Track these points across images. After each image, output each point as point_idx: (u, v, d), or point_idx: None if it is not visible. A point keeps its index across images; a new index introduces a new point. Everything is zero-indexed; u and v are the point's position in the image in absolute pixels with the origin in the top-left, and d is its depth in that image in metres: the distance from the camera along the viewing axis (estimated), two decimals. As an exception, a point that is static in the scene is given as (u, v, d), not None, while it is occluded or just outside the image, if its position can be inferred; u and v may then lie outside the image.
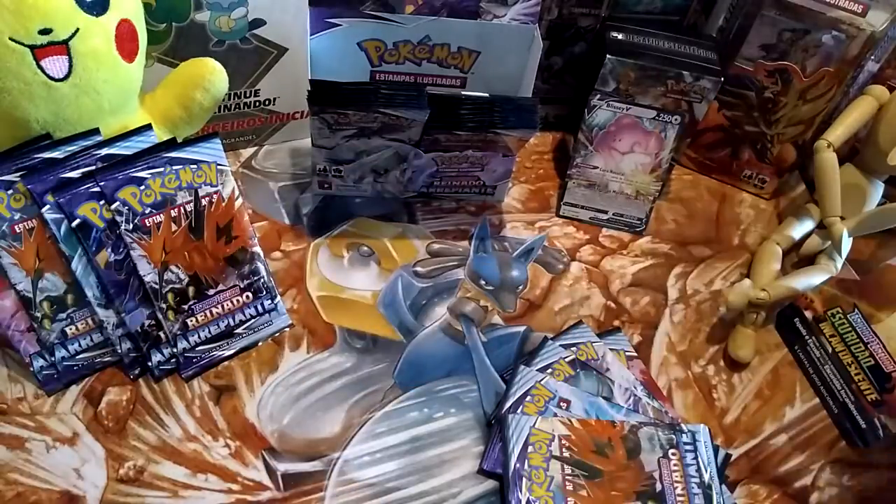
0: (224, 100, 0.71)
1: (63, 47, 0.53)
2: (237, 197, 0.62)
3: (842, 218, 0.74)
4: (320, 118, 0.65)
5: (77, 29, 0.53)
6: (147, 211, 0.58)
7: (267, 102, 0.77)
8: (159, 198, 0.58)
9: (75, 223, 0.56)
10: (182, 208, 0.60)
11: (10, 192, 0.55)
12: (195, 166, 0.60)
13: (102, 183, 0.56)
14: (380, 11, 0.71)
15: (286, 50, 0.72)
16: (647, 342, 0.71)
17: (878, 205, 0.78)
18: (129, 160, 0.58)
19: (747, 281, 0.72)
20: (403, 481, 0.59)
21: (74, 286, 0.58)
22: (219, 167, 0.61)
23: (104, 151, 0.58)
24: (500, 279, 0.73)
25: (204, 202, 0.61)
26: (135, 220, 0.58)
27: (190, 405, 0.61)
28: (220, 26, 0.68)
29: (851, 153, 0.80)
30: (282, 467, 0.59)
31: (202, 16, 0.66)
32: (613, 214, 0.81)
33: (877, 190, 0.78)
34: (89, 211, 0.56)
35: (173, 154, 0.59)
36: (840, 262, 0.75)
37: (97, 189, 0.56)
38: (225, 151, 0.61)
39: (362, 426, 0.62)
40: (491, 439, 0.61)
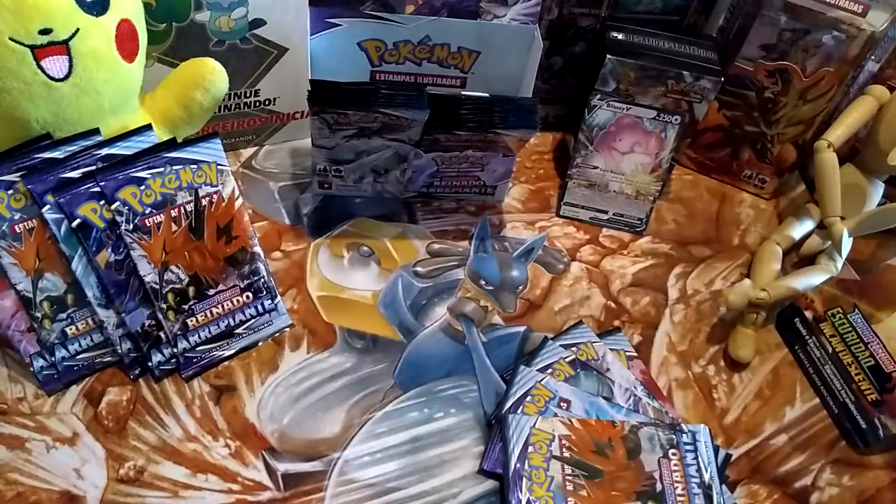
0: (224, 100, 0.71)
1: (63, 47, 0.53)
2: (237, 197, 0.62)
3: (842, 218, 0.74)
4: (320, 118, 0.65)
5: (77, 29, 0.53)
6: (147, 211, 0.58)
7: (267, 102, 0.77)
8: (159, 198, 0.58)
9: (75, 223, 0.56)
10: (182, 208, 0.60)
11: (11, 192, 0.55)
12: (195, 166, 0.60)
13: (103, 183, 0.56)
14: (380, 11, 0.71)
15: (286, 50, 0.72)
16: (648, 342, 0.71)
17: (879, 205, 0.78)
18: (130, 160, 0.58)
19: (747, 281, 0.72)
20: (403, 481, 0.59)
21: (75, 286, 0.58)
22: (219, 167, 0.61)
23: (104, 151, 0.58)
24: (501, 279, 0.73)
25: (204, 202, 0.61)
26: (135, 220, 0.58)
27: (190, 405, 0.61)
28: (221, 26, 0.68)
29: (851, 153, 0.80)
30: (282, 467, 0.59)
31: (202, 16, 0.66)
32: (613, 214, 0.81)
33: (877, 190, 0.78)
34: (89, 211, 0.56)
35: (173, 154, 0.59)
36: (840, 262, 0.75)
37: (97, 189, 0.56)
38: (225, 151, 0.61)
39: (362, 426, 0.62)
40: (491, 439, 0.61)
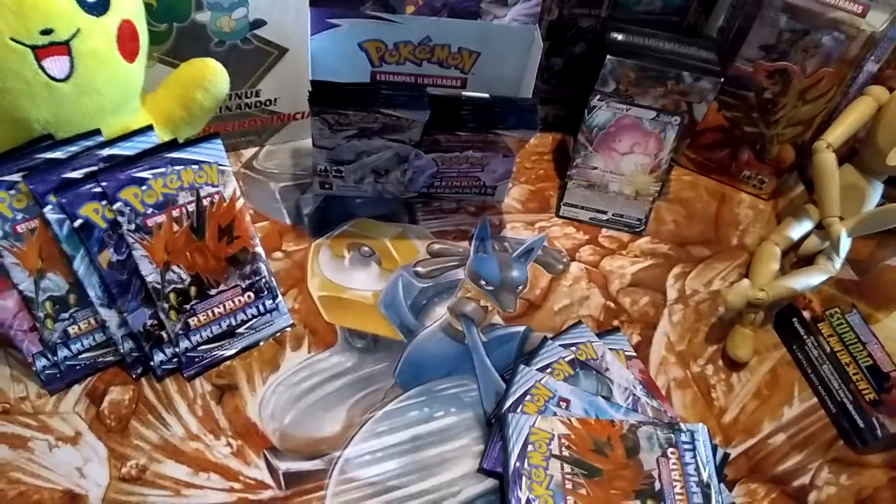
0: (225, 100, 0.71)
1: (64, 47, 0.53)
2: (238, 197, 0.63)
3: (841, 218, 0.74)
4: (321, 119, 0.66)
5: (78, 29, 0.53)
6: (149, 211, 0.58)
7: (268, 103, 0.77)
8: (161, 198, 0.58)
9: (77, 223, 0.56)
10: (184, 208, 0.60)
11: (12, 193, 0.55)
12: (196, 167, 0.60)
13: (104, 183, 0.56)
14: (380, 12, 0.71)
15: (287, 50, 0.73)
16: (646, 342, 0.72)
17: (877, 205, 0.78)
18: (131, 161, 0.58)
19: (746, 281, 0.72)
20: (404, 480, 0.59)
21: (76, 286, 0.58)
22: (220, 167, 0.61)
23: (106, 152, 0.58)
24: (500, 279, 0.73)
25: (205, 202, 0.61)
26: (137, 221, 0.58)
27: (192, 404, 0.61)
28: (221, 26, 0.68)
29: (851, 153, 0.80)
30: (283, 466, 0.59)
31: (203, 16, 0.67)
32: (613, 215, 0.81)
33: (876, 190, 0.78)
34: (91, 211, 0.56)
35: (175, 154, 0.59)
36: (839, 263, 0.75)
37: (99, 189, 0.56)
38: (226, 152, 0.61)
39: (363, 425, 0.62)
40: (491, 438, 0.61)
